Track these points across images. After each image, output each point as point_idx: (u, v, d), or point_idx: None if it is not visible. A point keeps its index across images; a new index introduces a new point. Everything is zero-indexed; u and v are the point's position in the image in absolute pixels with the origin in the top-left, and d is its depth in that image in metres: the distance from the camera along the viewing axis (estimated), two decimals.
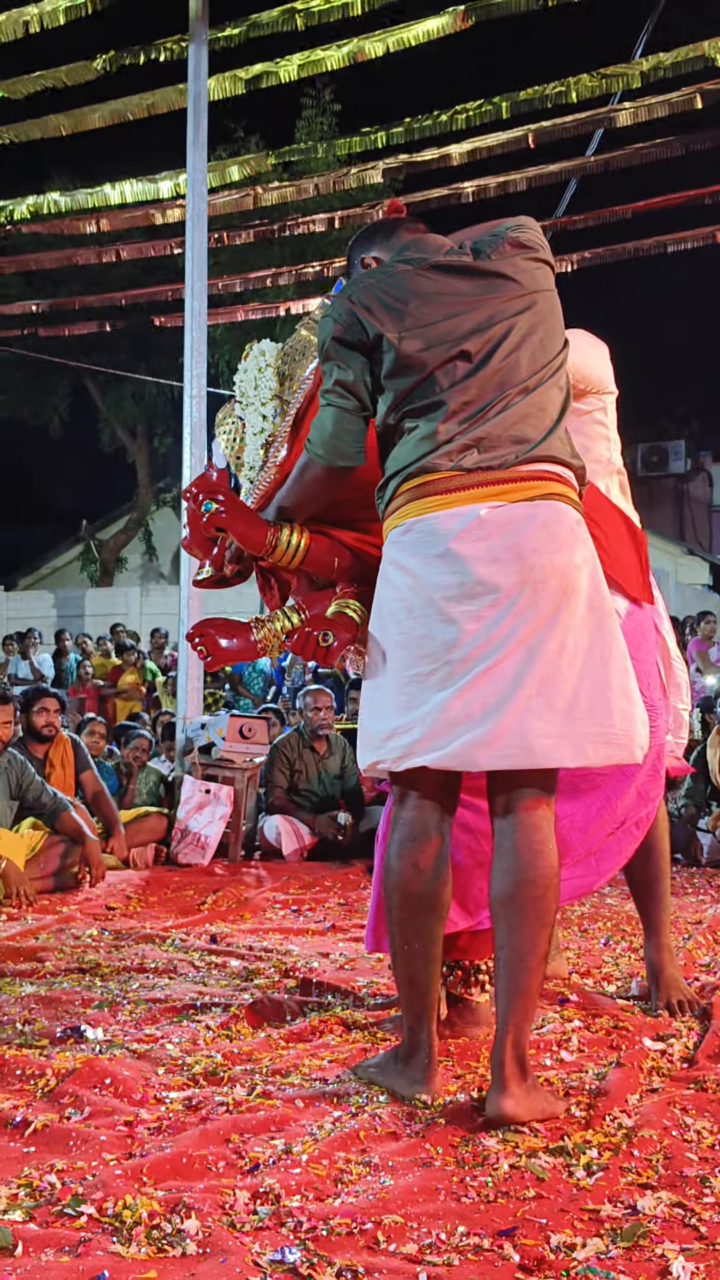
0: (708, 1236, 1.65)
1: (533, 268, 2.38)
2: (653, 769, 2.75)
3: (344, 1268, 1.55)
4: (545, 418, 2.30)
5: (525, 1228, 1.67)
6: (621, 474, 3.05)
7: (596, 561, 2.29)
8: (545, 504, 2.24)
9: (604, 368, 3.03)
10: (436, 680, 2.20)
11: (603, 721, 2.20)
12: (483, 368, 2.29)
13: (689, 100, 8.44)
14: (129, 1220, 1.67)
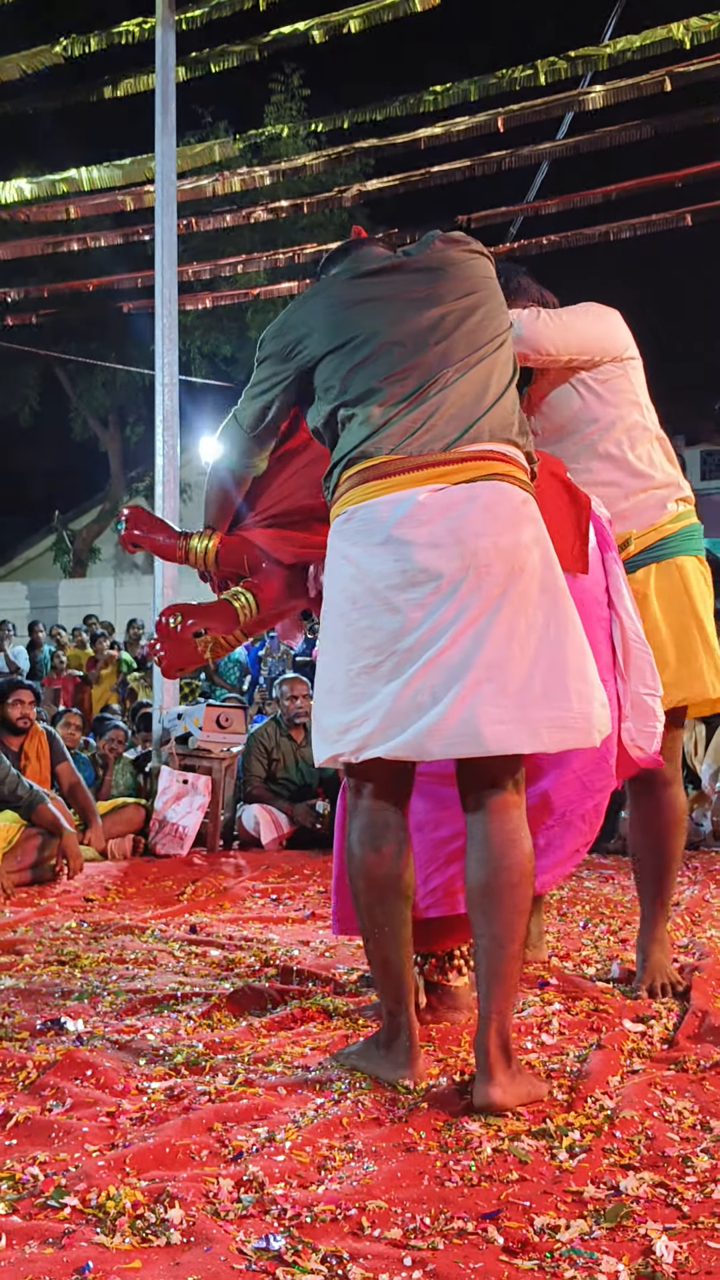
0: (690, 1215, 1.66)
1: (466, 257, 2.40)
2: (598, 758, 2.56)
3: (328, 1254, 1.55)
4: (487, 396, 2.28)
5: (509, 1210, 1.68)
6: (662, 440, 3.05)
7: (548, 540, 2.26)
8: (487, 485, 2.21)
9: (610, 334, 3.01)
10: (385, 671, 2.18)
11: (559, 705, 2.16)
12: (418, 353, 2.29)
13: (658, 83, 8.43)
14: (112, 1211, 1.67)
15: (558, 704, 2.16)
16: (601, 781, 2.59)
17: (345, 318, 2.35)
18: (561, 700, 2.17)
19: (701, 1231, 1.61)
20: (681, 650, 2.94)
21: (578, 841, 2.62)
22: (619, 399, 3.01)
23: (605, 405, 3.01)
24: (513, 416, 2.31)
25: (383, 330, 2.31)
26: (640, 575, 2.97)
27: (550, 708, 2.16)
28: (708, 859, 6.09)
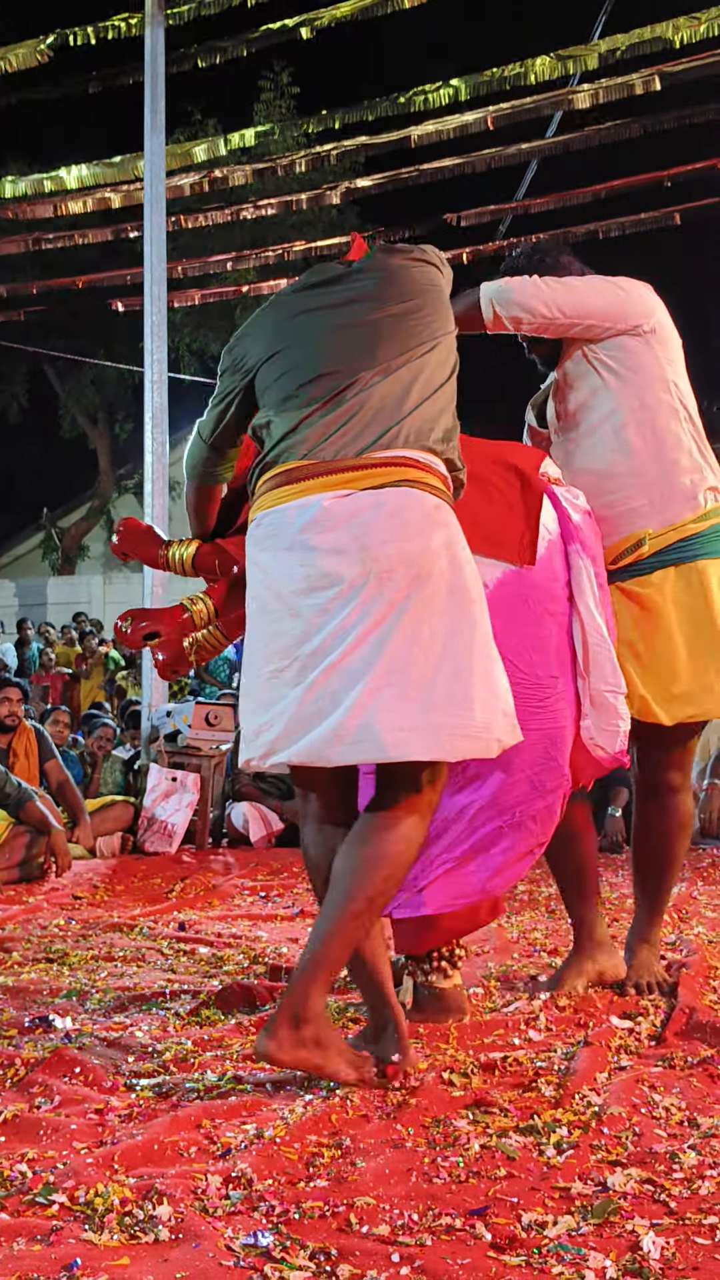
0: (677, 1211, 1.66)
1: (405, 265, 2.41)
2: (548, 758, 2.55)
3: (317, 1250, 1.55)
4: (408, 401, 2.26)
5: (497, 1207, 1.68)
6: (694, 423, 2.86)
7: (460, 545, 2.23)
8: (393, 491, 2.19)
9: (620, 302, 2.85)
10: (290, 676, 2.18)
11: (461, 712, 2.13)
12: (340, 359, 2.30)
13: (648, 82, 8.45)
14: (101, 1208, 1.67)
15: (460, 712, 2.13)
16: (553, 782, 2.56)
17: (282, 328, 2.40)
18: (464, 708, 2.13)
19: (688, 1227, 1.61)
20: (696, 662, 2.78)
21: (530, 842, 2.59)
22: (640, 376, 2.84)
23: (623, 384, 2.84)
24: (435, 422, 2.29)
25: (310, 338, 2.34)
26: (656, 578, 2.80)
27: (452, 715, 2.12)
28: (695, 856, 6.11)
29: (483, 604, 2.24)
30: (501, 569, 2.58)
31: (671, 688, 2.76)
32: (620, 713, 2.63)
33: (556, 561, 2.63)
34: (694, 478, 2.81)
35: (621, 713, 2.63)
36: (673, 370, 2.87)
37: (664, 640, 2.79)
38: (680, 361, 2.91)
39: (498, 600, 2.51)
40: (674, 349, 2.90)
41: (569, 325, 2.84)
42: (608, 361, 2.85)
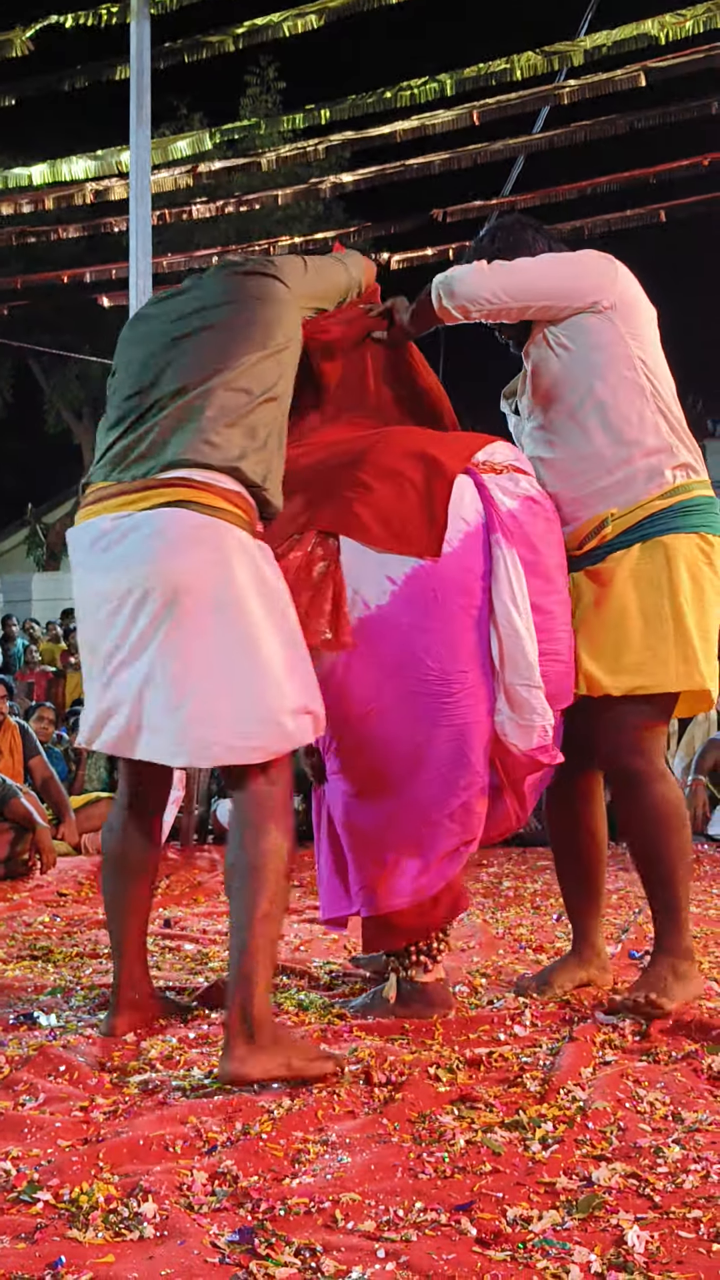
0: (661, 1206, 1.67)
1: (230, 280, 2.51)
2: (458, 755, 2.52)
3: (302, 1246, 1.55)
4: (202, 420, 2.34)
5: (482, 1202, 1.69)
6: (660, 398, 2.73)
7: (232, 562, 2.29)
8: (163, 512, 2.29)
9: (572, 277, 2.75)
10: (94, 675, 2.41)
11: (217, 723, 2.26)
12: (145, 380, 2.44)
13: (633, 78, 8.45)
14: (86, 1205, 1.66)
15: (216, 723, 2.26)
16: (466, 780, 2.52)
17: (120, 348, 2.58)
18: (216, 720, 2.26)
19: (673, 1221, 1.62)
20: (651, 632, 2.67)
21: (452, 841, 2.54)
22: (600, 355, 2.72)
23: (583, 364, 2.74)
24: (230, 442, 2.35)
25: (128, 358, 2.51)
26: (617, 555, 2.71)
27: (205, 726, 2.26)
28: None
29: (256, 618, 2.29)
30: (411, 564, 2.54)
31: (623, 657, 2.66)
32: (535, 708, 2.53)
33: (474, 553, 2.56)
34: (660, 457, 2.71)
35: (537, 708, 2.53)
36: (638, 345, 2.75)
37: (618, 610, 2.69)
38: (647, 334, 2.78)
39: (406, 595, 2.53)
40: (640, 322, 2.78)
41: (520, 309, 2.75)
42: (565, 343, 2.75)
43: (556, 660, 2.64)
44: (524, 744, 2.54)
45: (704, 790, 6.75)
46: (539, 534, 2.66)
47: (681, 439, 2.76)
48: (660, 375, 2.78)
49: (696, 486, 2.74)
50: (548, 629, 2.62)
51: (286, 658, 2.31)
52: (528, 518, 2.64)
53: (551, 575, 2.67)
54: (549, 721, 2.56)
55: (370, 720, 2.56)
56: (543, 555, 2.65)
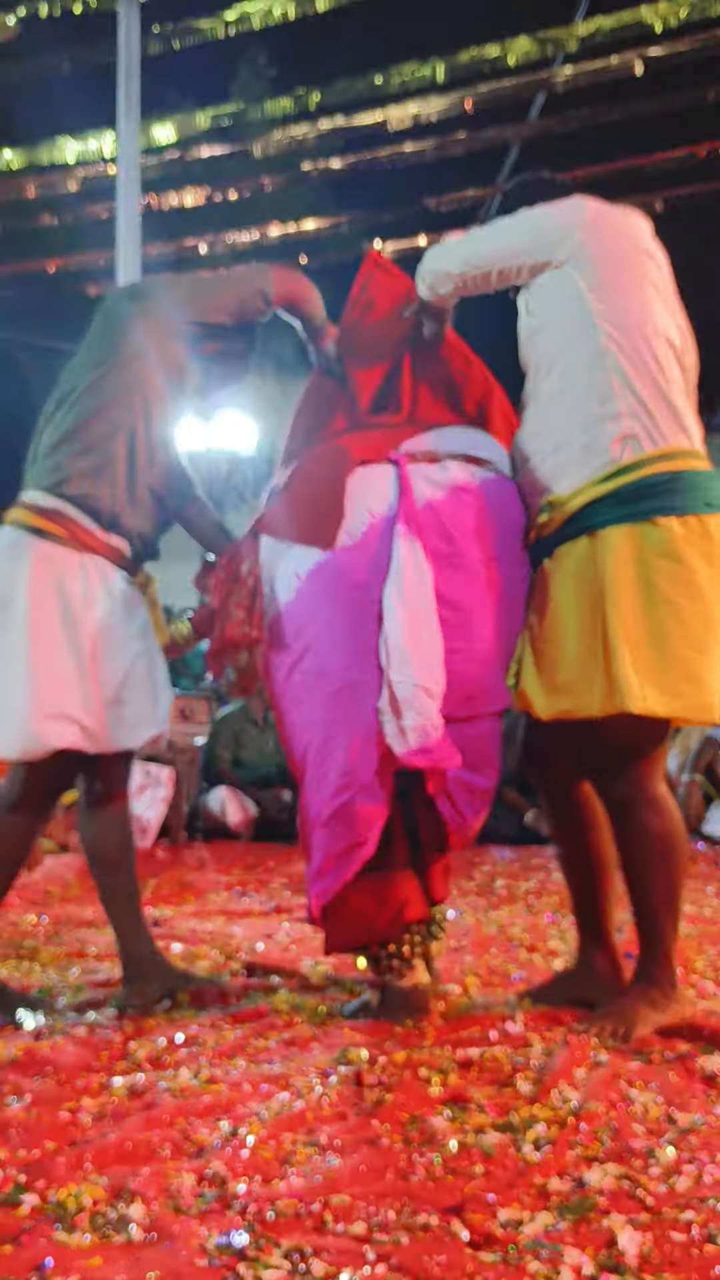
0: (654, 1208, 1.66)
1: (102, 307, 2.79)
2: (339, 755, 2.48)
3: (291, 1249, 1.53)
4: (39, 446, 2.70)
5: (473, 1204, 1.67)
6: (635, 359, 2.45)
7: (23, 576, 2.56)
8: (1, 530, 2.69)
9: (527, 234, 2.59)
10: None
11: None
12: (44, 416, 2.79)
13: (629, 65, 8.40)
14: (72, 1208, 1.65)
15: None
16: (345, 780, 2.46)
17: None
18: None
19: (665, 1223, 1.61)
20: (581, 649, 2.42)
21: (338, 844, 2.48)
22: (556, 316, 2.50)
23: (540, 329, 2.55)
24: (59, 465, 2.63)
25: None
26: (564, 549, 2.47)
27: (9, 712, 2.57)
28: None
29: (24, 630, 2.54)
30: (315, 559, 2.53)
31: (556, 675, 2.45)
32: (414, 708, 2.39)
33: (374, 545, 2.50)
34: (610, 426, 2.42)
35: (415, 708, 2.39)
36: (600, 298, 2.47)
37: (555, 622, 2.46)
38: (621, 283, 2.50)
39: (308, 591, 2.54)
40: (610, 270, 2.50)
41: (483, 276, 2.61)
42: (531, 307, 2.59)
43: (470, 659, 2.50)
44: (399, 745, 2.40)
45: (699, 790, 6.74)
46: (461, 524, 2.53)
47: (649, 406, 2.43)
48: (631, 328, 2.46)
49: (657, 461, 2.41)
50: (461, 625, 2.49)
51: (49, 664, 2.54)
52: (450, 508, 2.53)
53: (472, 568, 2.53)
54: (430, 723, 2.41)
55: (282, 718, 2.61)
56: (461, 547, 2.52)
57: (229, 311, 2.73)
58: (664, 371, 2.46)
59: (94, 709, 2.58)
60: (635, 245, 2.58)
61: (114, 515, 2.61)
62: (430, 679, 2.42)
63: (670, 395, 2.46)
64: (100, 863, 2.85)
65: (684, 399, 2.49)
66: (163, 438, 2.70)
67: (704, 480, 2.43)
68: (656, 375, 2.45)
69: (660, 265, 2.60)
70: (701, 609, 2.37)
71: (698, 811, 6.68)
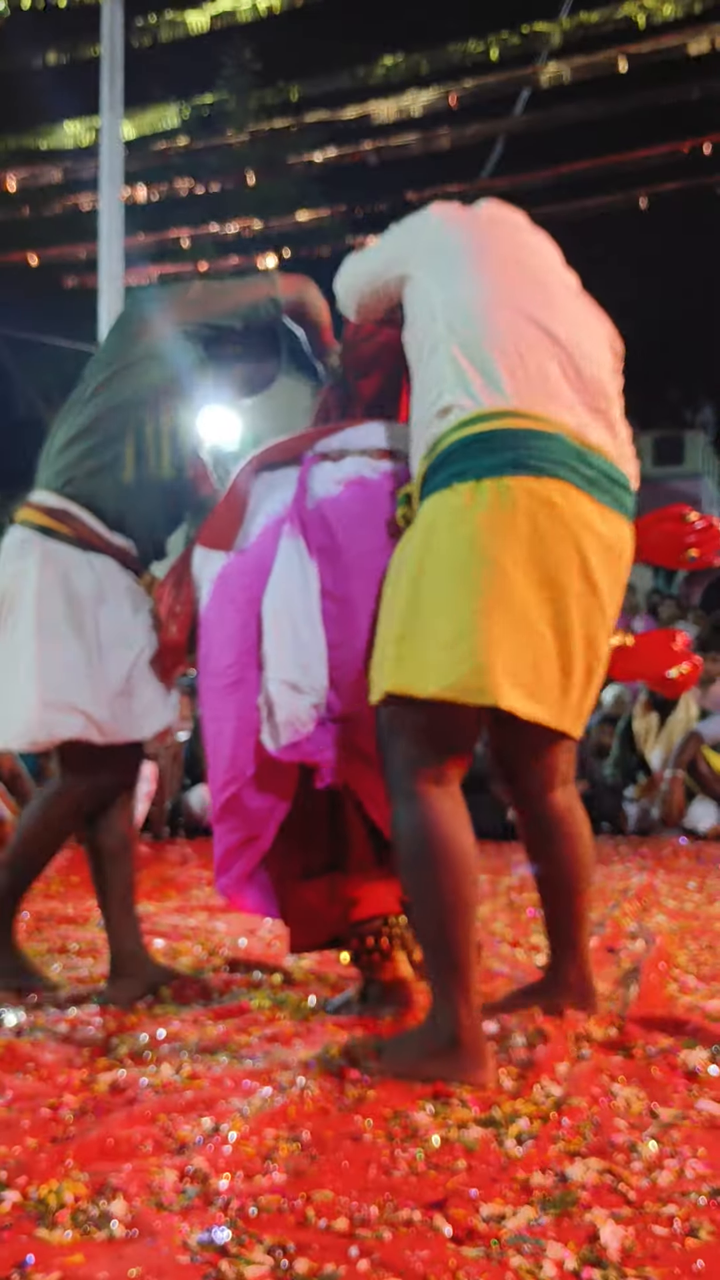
0: (636, 1202, 1.66)
1: (127, 306, 2.88)
2: (225, 750, 2.51)
3: (274, 1245, 1.53)
4: (51, 447, 2.78)
5: (456, 1199, 1.67)
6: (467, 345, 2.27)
7: (31, 572, 2.67)
8: (10, 530, 2.76)
9: (384, 250, 2.55)
10: None
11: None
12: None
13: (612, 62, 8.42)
14: (54, 1204, 1.63)
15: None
16: (228, 775, 2.50)
17: None
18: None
19: (647, 1218, 1.61)
20: (380, 628, 2.33)
21: (233, 838, 2.52)
22: (414, 320, 2.43)
23: (408, 339, 2.47)
24: (68, 465, 2.72)
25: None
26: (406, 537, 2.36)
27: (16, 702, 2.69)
28: (657, 845, 6.16)
29: (30, 626, 2.65)
30: (220, 561, 2.58)
31: (369, 662, 2.36)
32: (280, 704, 2.39)
33: (265, 547, 2.52)
34: (433, 414, 2.29)
35: (280, 704, 2.39)
36: (442, 285, 2.37)
37: (379, 607, 2.39)
38: (461, 263, 2.39)
39: (214, 594, 2.58)
40: (451, 256, 2.41)
41: (365, 297, 2.59)
42: (401, 321, 2.51)
43: (353, 652, 2.45)
44: (270, 742, 2.43)
45: (682, 783, 6.78)
46: (349, 517, 2.49)
47: (469, 374, 2.26)
48: (472, 308, 2.33)
49: (463, 427, 2.23)
50: (345, 618, 2.45)
51: (62, 656, 2.63)
52: (342, 502, 2.51)
53: (357, 561, 2.47)
54: (298, 719, 2.40)
55: (200, 719, 2.68)
56: (346, 540, 2.48)
57: (238, 315, 2.79)
58: (505, 343, 2.27)
59: (101, 701, 2.64)
60: (491, 233, 2.46)
61: (119, 516, 2.68)
62: (301, 675, 2.41)
63: (503, 362, 2.25)
64: (102, 855, 2.87)
65: (526, 366, 2.26)
66: (173, 438, 2.75)
67: (507, 440, 2.20)
68: (493, 348, 2.27)
69: (535, 249, 2.48)
70: (465, 581, 2.15)
71: (680, 806, 6.73)
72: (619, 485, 2.31)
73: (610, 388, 2.38)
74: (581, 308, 2.44)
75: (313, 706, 2.42)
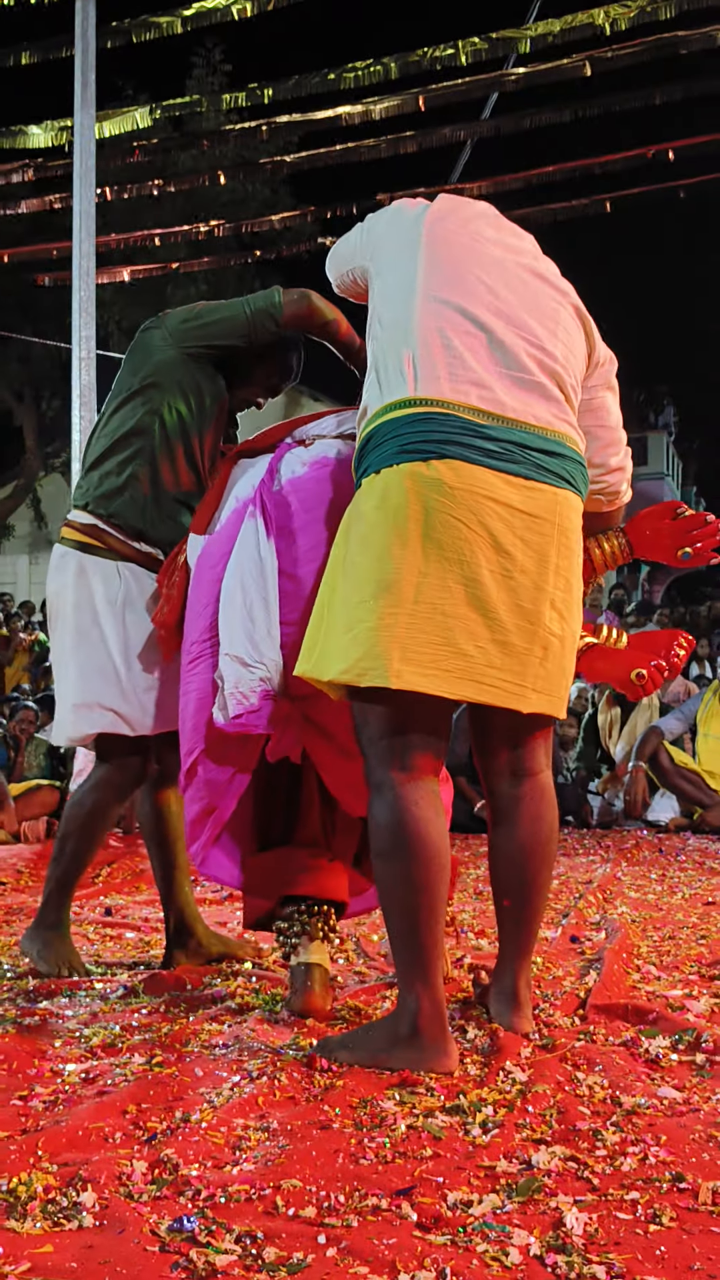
0: (600, 1188, 1.69)
1: (139, 332, 3.00)
2: (184, 723, 2.57)
3: (243, 1234, 1.54)
4: (86, 465, 2.98)
5: (423, 1186, 1.69)
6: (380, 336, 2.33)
7: (71, 584, 2.91)
8: (54, 546, 3.02)
9: (349, 244, 2.61)
10: None
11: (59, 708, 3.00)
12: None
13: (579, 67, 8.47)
14: (24, 1195, 1.64)
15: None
16: (187, 745, 2.55)
17: None
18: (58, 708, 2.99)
19: (611, 1203, 1.64)
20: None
21: (195, 809, 2.57)
22: (369, 324, 2.43)
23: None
24: (93, 483, 2.93)
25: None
26: None
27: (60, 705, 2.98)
28: (620, 837, 6.21)
29: (78, 628, 2.90)
30: (200, 544, 2.68)
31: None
32: (228, 678, 2.44)
33: (232, 529, 2.60)
34: (362, 406, 2.35)
35: (228, 677, 2.44)
36: (383, 280, 2.41)
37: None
38: (399, 263, 2.38)
39: (193, 574, 2.67)
40: (393, 248, 2.42)
41: (343, 280, 2.63)
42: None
43: (303, 629, 2.44)
44: (219, 714, 2.47)
45: (644, 776, 6.85)
46: (310, 499, 2.52)
47: (387, 365, 2.28)
48: (391, 301, 2.35)
49: (370, 423, 2.28)
50: (301, 598, 2.47)
51: (91, 660, 2.86)
52: (305, 484, 2.55)
53: (315, 541, 2.49)
54: (241, 692, 2.44)
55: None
56: (305, 520, 2.51)
57: (239, 334, 2.90)
58: (424, 333, 2.26)
59: (131, 698, 2.86)
60: (439, 225, 2.42)
61: (140, 529, 2.89)
62: (249, 650, 2.45)
63: (414, 353, 2.25)
64: (155, 841, 3.12)
65: (433, 353, 2.25)
66: (188, 454, 2.90)
67: (394, 429, 2.23)
68: (405, 342, 2.27)
69: (488, 237, 2.42)
70: (361, 571, 2.21)
71: (643, 798, 6.81)
72: (545, 453, 2.23)
73: (554, 361, 2.30)
74: (536, 289, 2.38)
75: (260, 680, 2.45)
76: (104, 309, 15.20)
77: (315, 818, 2.63)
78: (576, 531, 2.30)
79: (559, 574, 2.24)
